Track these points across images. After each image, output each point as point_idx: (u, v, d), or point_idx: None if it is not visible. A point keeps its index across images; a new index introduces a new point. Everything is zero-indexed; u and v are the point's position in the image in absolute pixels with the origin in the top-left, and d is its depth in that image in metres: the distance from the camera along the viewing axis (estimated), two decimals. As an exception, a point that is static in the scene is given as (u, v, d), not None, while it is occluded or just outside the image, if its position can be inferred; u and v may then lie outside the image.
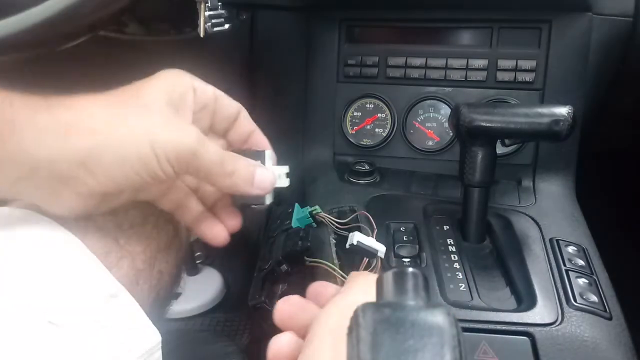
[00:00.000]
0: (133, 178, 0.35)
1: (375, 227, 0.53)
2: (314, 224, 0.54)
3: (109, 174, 0.34)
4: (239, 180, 0.39)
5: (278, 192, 0.44)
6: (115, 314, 0.37)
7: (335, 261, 0.51)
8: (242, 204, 0.44)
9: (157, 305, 0.44)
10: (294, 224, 0.53)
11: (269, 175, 0.40)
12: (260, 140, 0.45)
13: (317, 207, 0.54)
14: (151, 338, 0.38)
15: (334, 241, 0.54)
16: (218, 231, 0.43)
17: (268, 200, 0.42)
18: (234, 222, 0.44)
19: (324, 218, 0.55)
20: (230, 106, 0.42)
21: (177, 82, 0.39)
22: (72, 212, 0.37)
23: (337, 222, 0.55)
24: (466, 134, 0.54)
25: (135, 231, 0.43)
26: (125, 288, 0.39)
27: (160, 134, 0.35)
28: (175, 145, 0.35)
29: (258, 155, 0.42)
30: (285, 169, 0.43)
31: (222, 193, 0.44)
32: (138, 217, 0.44)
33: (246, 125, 0.44)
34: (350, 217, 0.57)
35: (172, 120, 0.36)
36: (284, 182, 0.43)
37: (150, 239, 0.44)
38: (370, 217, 0.55)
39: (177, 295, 1.20)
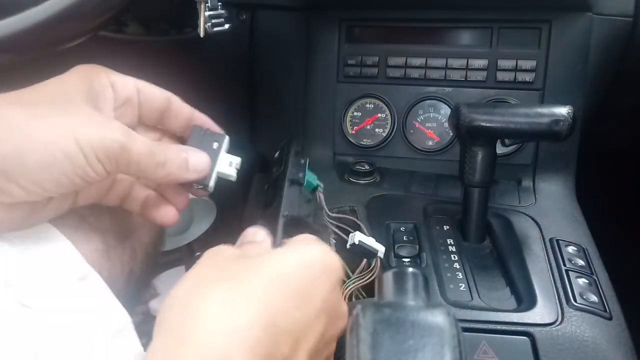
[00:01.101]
0: (62, 182, 0.33)
1: (362, 225, 0.53)
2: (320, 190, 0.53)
3: (35, 179, 0.32)
4: (172, 169, 0.37)
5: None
6: (85, 295, 0.37)
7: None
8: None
9: (132, 283, 0.44)
10: (306, 183, 0.51)
11: (203, 157, 0.39)
12: (203, 121, 0.42)
13: (321, 184, 0.53)
14: (121, 319, 0.38)
15: (334, 241, 0.54)
16: (166, 212, 0.42)
17: (211, 183, 0.41)
18: (181, 199, 0.42)
19: (324, 218, 0.55)
20: (156, 96, 0.40)
21: (93, 78, 0.37)
22: None
23: (337, 222, 0.55)
24: (466, 134, 0.54)
25: (105, 210, 0.43)
26: (95, 262, 0.39)
27: (85, 130, 0.32)
28: (102, 141, 0.33)
29: (217, 138, 0.41)
30: (237, 159, 0.42)
31: None
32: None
33: (181, 111, 0.41)
34: (351, 218, 0.57)
35: (94, 117, 0.34)
36: (232, 172, 0.41)
37: (121, 217, 0.44)
38: (362, 225, 0.54)
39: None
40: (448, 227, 0.61)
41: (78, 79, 0.36)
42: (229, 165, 0.41)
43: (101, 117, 0.35)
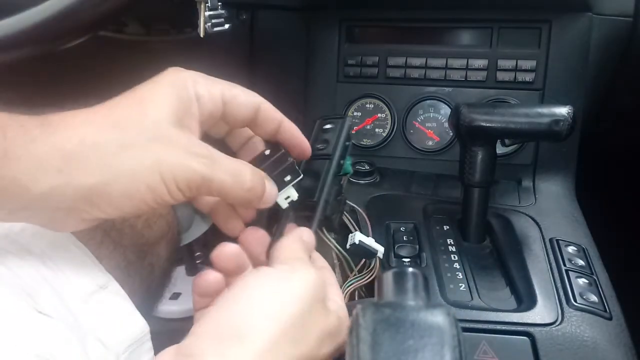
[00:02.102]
0: (142, 208, 0.34)
1: (369, 223, 0.53)
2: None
3: (116, 206, 0.33)
4: (253, 197, 0.36)
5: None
6: (104, 304, 0.38)
7: (335, 261, 0.51)
8: None
9: (149, 298, 0.45)
10: (346, 166, 0.49)
11: (275, 192, 0.39)
12: (291, 131, 0.41)
13: (351, 170, 0.51)
14: (140, 328, 0.39)
15: (334, 241, 0.54)
16: (235, 225, 0.41)
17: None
18: (250, 213, 0.41)
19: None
20: (243, 107, 0.38)
21: (180, 91, 0.35)
22: (75, 230, 0.36)
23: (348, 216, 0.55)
24: (466, 134, 0.54)
25: (128, 225, 0.43)
26: (116, 279, 0.39)
27: (169, 160, 0.32)
28: (186, 172, 0.33)
29: (293, 173, 0.39)
30: (295, 196, 0.41)
31: None
32: None
33: (269, 120, 0.40)
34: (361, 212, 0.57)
35: (179, 141, 0.33)
36: (284, 205, 0.41)
37: (142, 233, 0.44)
38: (368, 222, 0.54)
39: (177, 295, 1.20)
40: (448, 227, 0.61)
41: (164, 92, 0.35)
42: (285, 198, 0.40)
43: (186, 140, 0.34)
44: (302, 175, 0.41)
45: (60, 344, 0.33)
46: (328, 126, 0.48)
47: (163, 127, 0.33)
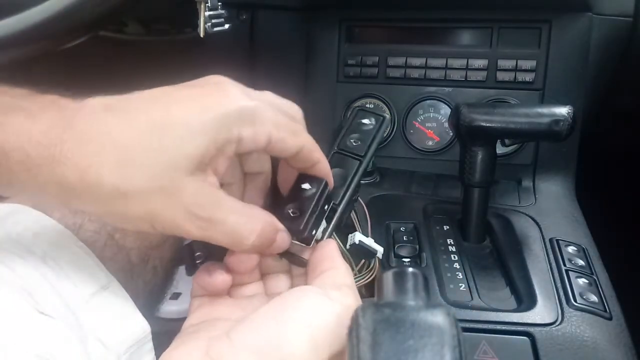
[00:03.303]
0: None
1: (369, 218, 0.53)
2: None
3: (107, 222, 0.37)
4: (252, 249, 0.34)
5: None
6: (106, 304, 0.38)
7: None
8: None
9: (152, 300, 0.45)
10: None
11: (287, 241, 0.35)
12: (324, 172, 0.38)
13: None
14: (141, 329, 0.39)
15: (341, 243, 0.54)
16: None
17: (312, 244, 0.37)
18: None
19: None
20: (286, 151, 0.35)
21: (220, 132, 0.31)
22: None
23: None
24: (466, 134, 0.54)
25: None
26: (120, 282, 0.39)
27: (163, 216, 0.31)
28: (176, 230, 0.31)
29: (328, 202, 0.37)
30: (324, 224, 0.38)
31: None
32: None
33: (306, 161, 0.37)
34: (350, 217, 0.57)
35: (184, 194, 0.31)
36: (320, 235, 0.38)
37: (145, 235, 0.44)
38: (369, 221, 0.54)
39: (177, 295, 1.20)
40: (448, 227, 0.61)
41: (200, 131, 0.31)
42: (321, 229, 0.38)
43: (193, 192, 0.31)
44: (332, 201, 0.39)
45: (60, 344, 0.33)
46: (366, 121, 0.46)
47: (173, 175, 0.31)
